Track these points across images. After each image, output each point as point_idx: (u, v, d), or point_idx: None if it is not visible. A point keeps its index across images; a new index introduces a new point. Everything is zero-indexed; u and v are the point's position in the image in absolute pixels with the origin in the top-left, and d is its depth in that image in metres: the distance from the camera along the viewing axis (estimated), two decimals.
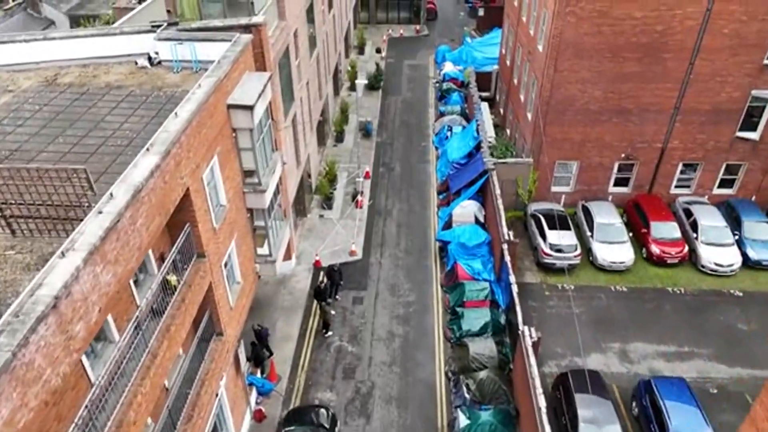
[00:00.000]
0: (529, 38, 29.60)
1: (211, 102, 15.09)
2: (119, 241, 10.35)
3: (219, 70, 16.03)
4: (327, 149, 36.31)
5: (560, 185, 29.43)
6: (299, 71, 27.22)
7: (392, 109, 41.76)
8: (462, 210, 28.28)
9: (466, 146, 32.76)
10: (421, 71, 47.81)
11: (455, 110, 38.67)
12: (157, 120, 15.30)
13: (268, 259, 19.92)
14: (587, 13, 24.14)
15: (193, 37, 18.36)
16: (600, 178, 28.89)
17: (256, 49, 20.08)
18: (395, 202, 31.52)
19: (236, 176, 17.47)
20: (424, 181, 33.45)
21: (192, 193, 13.87)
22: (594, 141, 27.67)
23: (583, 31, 24.61)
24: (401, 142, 37.60)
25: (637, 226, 27.48)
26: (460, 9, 61.55)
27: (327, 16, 35.61)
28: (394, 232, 29.20)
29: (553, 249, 25.50)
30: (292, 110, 25.92)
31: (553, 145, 27.57)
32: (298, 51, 26.88)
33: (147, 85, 17.43)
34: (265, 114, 18.34)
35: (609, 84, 25.93)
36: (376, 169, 34.36)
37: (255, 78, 17.92)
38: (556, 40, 24.92)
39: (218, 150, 15.72)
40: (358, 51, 50.79)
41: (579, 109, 26.75)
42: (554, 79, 25.92)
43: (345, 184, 32.34)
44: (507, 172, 28.61)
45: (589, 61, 25.36)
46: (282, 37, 23.40)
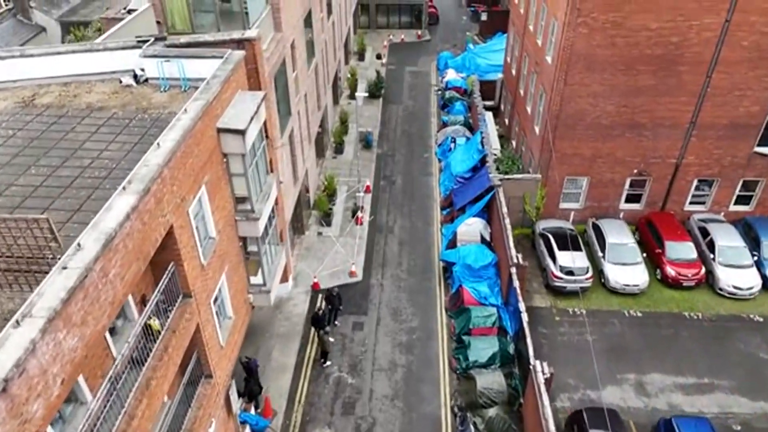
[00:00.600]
0: (536, 48, 28.37)
1: (199, 128, 13.86)
2: (87, 299, 9.11)
3: (208, 92, 14.79)
4: (326, 161, 35.09)
5: (569, 201, 28.19)
6: (297, 84, 25.99)
7: (393, 119, 40.54)
8: (467, 228, 27.04)
9: (471, 159, 31.55)
10: (422, 78, 46.59)
11: (458, 120, 37.44)
12: (140, 147, 14.07)
13: (263, 288, 18.68)
14: (600, 24, 22.92)
15: (181, 53, 17.13)
16: (611, 194, 27.66)
17: (250, 64, 18.85)
18: (397, 217, 30.29)
19: (227, 204, 16.24)
20: (426, 195, 32.21)
21: (176, 230, 12.63)
22: (605, 156, 26.44)
23: (596, 43, 23.39)
24: (403, 153, 36.36)
25: (650, 245, 26.23)
26: (463, 13, 60.36)
27: (326, 23, 34.40)
28: (395, 250, 27.96)
29: (564, 272, 24.26)
30: (289, 125, 24.69)
31: (563, 160, 26.34)
32: (295, 63, 25.65)
33: (131, 106, 16.19)
34: (258, 136, 17.11)
35: (622, 98, 24.70)
36: (376, 183, 33.13)
37: (248, 98, 16.68)
38: (567, 52, 23.69)
39: (206, 179, 14.48)
40: (358, 57, 49.58)
41: (590, 124, 25.52)
42: (564, 93, 24.69)
43: (345, 199, 31.10)
44: (514, 189, 27.38)
45: (601, 74, 24.13)
46: (278, 49, 22.17)
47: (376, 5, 55.56)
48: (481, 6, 59.18)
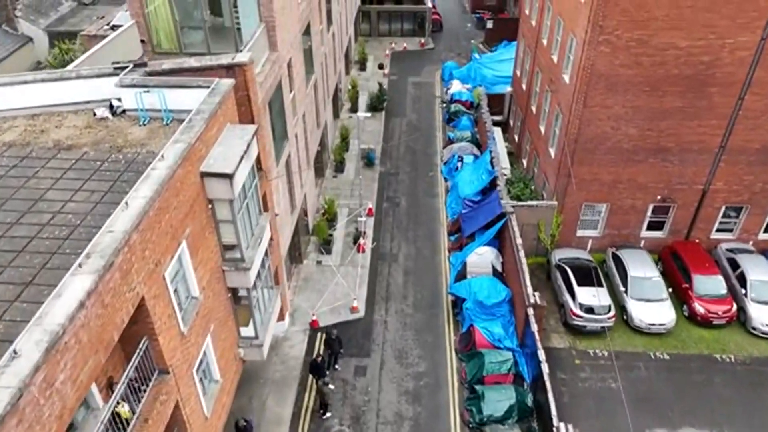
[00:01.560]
0: (551, 65, 26.47)
1: (179, 176, 11.98)
2: (24, 423, 7.22)
3: (190, 131, 12.91)
4: (326, 181, 33.19)
5: (587, 228, 26.29)
6: (294, 105, 24.11)
7: (396, 133, 38.64)
8: (477, 258, 25.15)
9: (480, 180, 29.66)
10: (426, 90, 44.68)
11: (465, 136, 35.53)
12: (111, 197, 12.19)
13: (254, 342, 16.77)
14: (624, 42, 21.03)
15: (163, 83, 15.23)
16: (632, 221, 25.76)
17: (241, 92, 16.99)
18: (401, 244, 28.39)
19: (213, 255, 14.35)
20: (432, 218, 30.30)
21: (148, 301, 10.75)
22: (626, 182, 24.54)
23: (619, 63, 21.50)
24: (407, 171, 34.47)
25: (675, 278, 24.31)
26: (467, 20, 58.46)
27: (326, 35, 32.53)
28: (400, 281, 26.05)
29: (584, 309, 22.35)
30: (286, 151, 22.80)
31: (581, 186, 24.43)
32: (292, 82, 23.77)
33: (104, 143, 14.30)
34: (250, 174, 15.22)
35: (646, 121, 22.81)
36: (379, 205, 31.23)
37: (237, 133, 14.80)
38: (587, 72, 21.80)
39: (187, 232, 12.59)
40: (359, 67, 47.70)
41: (610, 148, 23.62)
42: (583, 116, 22.80)
43: (346, 223, 29.19)
44: (528, 216, 25.48)
45: (624, 95, 22.24)
46: (273, 71, 20.29)
47: (377, 12, 53.68)
48: (486, 13, 57.33)
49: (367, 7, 53.22)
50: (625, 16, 20.50)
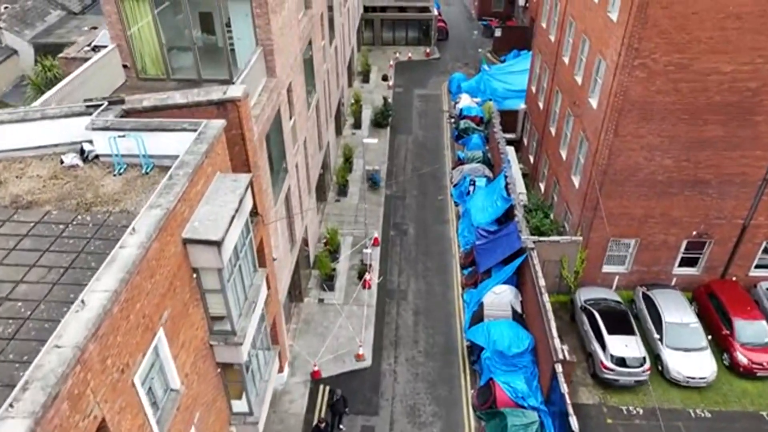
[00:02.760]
0: (573, 86, 24.31)
1: (155, 251, 9.82)
2: None
3: (169, 192, 10.73)
4: (328, 205, 31.02)
5: (613, 264, 24.12)
6: (294, 132, 21.96)
7: (402, 152, 36.48)
8: (495, 298, 23.00)
9: (494, 207, 27.52)
10: (433, 103, 42.53)
11: (476, 156, 33.37)
12: (71, 275, 10.04)
13: (248, 419, 14.60)
14: (662, 66, 18.87)
15: (142, 125, 13.07)
16: (663, 258, 23.59)
17: (234, 130, 14.85)
18: (410, 278, 26.22)
19: (198, 331, 12.19)
20: (444, 249, 28.14)
21: (111, 420, 8.57)
22: (659, 216, 22.38)
23: (655, 89, 19.35)
24: (414, 195, 32.30)
25: (713, 323, 22.14)
26: (474, 27, 56.27)
27: (328, 50, 30.38)
28: (410, 322, 23.89)
29: (616, 361, 20.18)
30: (285, 185, 20.66)
31: (609, 220, 22.25)
32: (293, 108, 21.63)
33: (71, 199, 12.13)
34: (243, 232, 13.07)
35: (683, 151, 20.66)
36: (385, 233, 29.07)
37: (228, 185, 12.63)
38: (619, 99, 19.65)
39: (166, 316, 10.43)
40: (362, 79, 45.54)
41: (643, 180, 21.47)
42: (613, 145, 20.64)
43: (350, 255, 27.01)
44: (550, 252, 23.33)
45: (659, 124, 20.09)
46: (272, 100, 18.13)
47: (381, 20, 51.52)
48: (493, 20, 55.22)
49: (369, 15, 51.05)
50: (663, 38, 18.35)
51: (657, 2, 17.70)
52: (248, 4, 17.40)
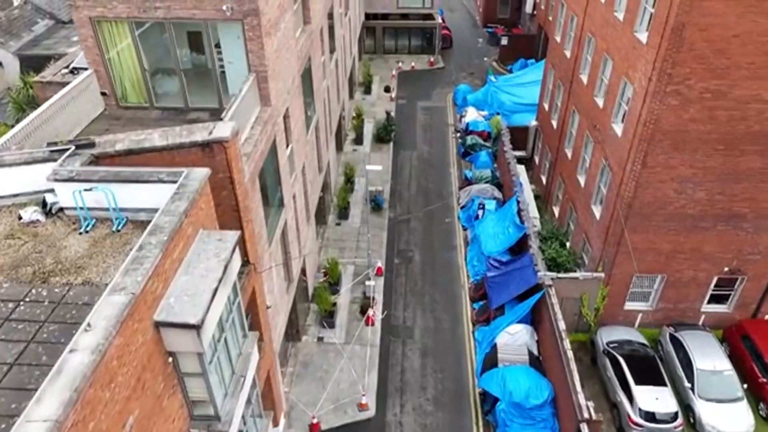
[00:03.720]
0: (593, 108, 22.51)
1: (116, 349, 8.02)
2: None
3: (137, 270, 8.92)
4: (328, 230, 29.22)
5: (637, 301, 22.34)
6: (292, 161, 20.17)
7: (406, 169, 34.68)
8: (509, 339, 21.25)
9: (506, 235, 25.77)
10: (438, 116, 40.73)
11: (485, 175, 31.61)
12: (16, 378, 8.23)
13: None
14: (697, 93, 17.09)
15: (112, 175, 11.26)
16: (691, 294, 21.79)
17: (222, 173, 13.09)
18: (416, 313, 24.42)
19: (177, 422, 10.36)
20: (452, 278, 26.34)
21: None
22: (688, 252, 20.59)
23: (689, 117, 17.56)
24: (420, 217, 30.50)
25: (747, 368, 20.36)
26: (479, 35, 54.48)
27: (328, 66, 28.59)
28: (417, 365, 22.08)
29: (644, 416, 18.37)
30: (281, 221, 18.85)
31: (634, 255, 20.47)
32: (290, 135, 19.83)
33: (26, 267, 10.31)
34: (229, 300, 11.26)
35: (717, 183, 18.88)
36: (389, 260, 27.26)
37: (212, 248, 10.81)
38: (649, 128, 17.86)
39: (131, 421, 8.61)
40: (363, 90, 43.73)
41: (671, 214, 19.68)
42: (641, 177, 18.85)
43: (351, 287, 25.19)
44: (569, 289, 21.56)
45: (692, 154, 18.31)
46: (266, 132, 16.34)
47: (383, 28, 49.73)
48: (499, 27, 53.47)
49: (371, 23, 49.27)
50: (700, 63, 16.56)
51: (694, 24, 15.92)
52: (239, 26, 15.61)
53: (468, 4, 62.93)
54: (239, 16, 15.38)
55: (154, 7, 15.30)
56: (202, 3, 15.21)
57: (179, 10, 15.32)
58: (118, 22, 15.79)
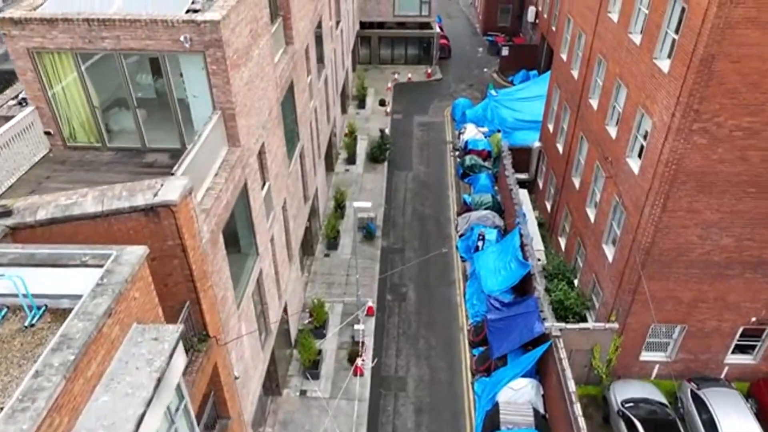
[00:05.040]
0: (605, 138, 20.39)
1: None
2: None
3: (29, 409, 6.79)
4: (316, 262, 27.10)
5: (654, 351, 20.23)
6: (269, 201, 18.04)
7: (401, 192, 32.57)
8: (513, 395, 19.18)
9: (508, 271, 23.68)
10: (435, 132, 38.63)
11: (485, 201, 29.46)
12: None
13: None
14: (727, 131, 14.98)
15: (26, 259, 9.15)
16: (714, 345, 19.68)
17: (171, 240, 10.98)
18: (410, 360, 22.30)
19: None
20: (449, 319, 24.21)
21: None
22: (712, 301, 18.48)
23: (717, 157, 15.44)
24: (415, 247, 28.38)
25: None
26: (478, 44, 52.39)
27: (316, 85, 26.48)
28: (410, 424, 19.95)
29: None
30: (255, 271, 16.71)
31: (651, 304, 18.36)
32: (267, 173, 17.72)
33: None
34: (168, 413, 9.14)
35: (747, 228, 16.76)
36: (381, 297, 25.14)
37: (142, 352, 8.67)
38: (671, 169, 15.74)
39: None
40: (357, 104, 41.64)
41: (694, 261, 17.56)
42: (661, 221, 16.73)
43: (338, 331, 23.05)
44: (579, 340, 19.46)
45: (719, 197, 16.19)
46: (234, 177, 14.21)
47: (378, 38, 47.64)
48: (499, 36, 51.44)
49: (366, 32, 47.21)
50: (731, 98, 14.45)
51: (726, 55, 13.80)
52: (201, 58, 13.51)
53: (467, 11, 60.90)
54: (200, 47, 13.28)
55: (101, 37, 13.19)
56: (156, 33, 13.10)
57: (130, 41, 13.21)
58: (61, 53, 13.67)
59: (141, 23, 12.99)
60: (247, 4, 14.90)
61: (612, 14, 20.00)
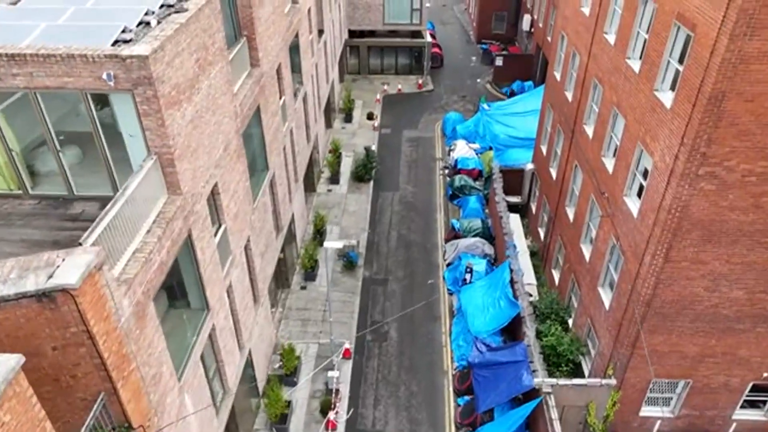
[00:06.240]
0: (601, 171, 18.51)
1: None
2: None
3: None
4: (291, 295, 25.19)
5: (655, 406, 18.34)
6: (225, 246, 16.16)
7: (386, 215, 30.69)
8: None
9: (497, 309, 21.96)
10: (425, 149, 36.75)
11: (474, 226, 27.55)
12: None
13: None
14: (739, 176, 13.11)
15: None
16: (721, 401, 17.80)
17: (73, 327, 9.13)
18: (389, 412, 20.41)
19: None
20: (432, 362, 22.32)
21: None
22: (720, 355, 16.61)
23: (728, 205, 13.58)
24: (399, 277, 26.50)
25: None
26: (472, 52, 50.51)
27: (292, 105, 24.61)
28: None
29: None
30: (205, 330, 14.82)
31: (652, 359, 16.51)
32: (222, 214, 15.85)
33: None
34: None
35: (759, 280, 14.88)
36: (360, 337, 23.24)
37: None
38: (674, 216, 13.87)
39: None
40: (344, 118, 39.75)
41: (701, 314, 15.69)
42: (663, 272, 14.86)
43: (312, 377, 21.16)
44: (573, 397, 17.59)
45: (729, 248, 14.32)
46: (171, 232, 12.33)
47: (367, 47, 45.75)
48: (494, 44, 49.57)
49: (355, 41, 45.34)
50: (744, 140, 12.59)
51: (738, 94, 11.94)
52: (129, 98, 11.65)
53: (461, 17, 59.00)
54: (127, 85, 11.41)
55: (11, 74, 11.32)
56: (75, 69, 11.24)
57: (45, 78, 11.35)
58: None
59: (56, 58, 11.12)
60: (190, 31, 13.03)
61: (608, 35, 18.14)
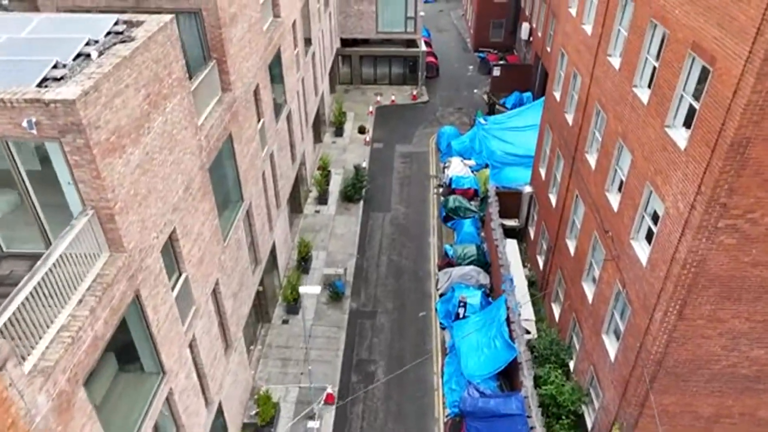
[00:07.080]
0: (605, 207, 16.84)
1: None
2: None
3: None
4: (272, 330, 23.54)
5: None
6: (187, 296, 14.49)
7: (376, 238, 29.03)
8: None
9: (492, 350, 20.44)
10: (418, 165, 35.10)
11: (469, 253, 25.90)
12: None
13: None
14: (764, 230, 11.46)
15: None
16: None
17: None
18: None
19: None
20: (423, 409, 20.60)
21: None
22: (737, 416, 14.97)
23: (750, 260, 11.93)
24: (388, 309, 24.83)
25: None
26: (469, 61, 48.90)
27: (273, 127, 22.96)
28: None
29: None
30: (161, 393, 13.18)
31: (662, 419, 14.85)
32: (182, 262, 14.18)
33: None
34: None
35: None
36: (345, 378, 21.57)
37: None
38: (689, 271, 12.22)
39: None
40: (335, 131, 38.10)
41: (717, 374, 14.06)
42: (676, 330, 13.21)
43: (290, 427, 19.48)
44: None
45: (750, 305, 12.67)
46: (109, 299, 10.66)
47: (360, 56, 44.13)
48: (492, 53, 47.96)
49: (347, 50, 43.74)
50: None
51: (765, 140, 10.28)
52: (57, 147, 10.01)
53: (458, 24, 57.40)
54: (52, 133, 9.77)
55: None
56: None
57: None
58: None
59: None
60: (136, 64, 11.38)
61: (612, 58, 16.47)
